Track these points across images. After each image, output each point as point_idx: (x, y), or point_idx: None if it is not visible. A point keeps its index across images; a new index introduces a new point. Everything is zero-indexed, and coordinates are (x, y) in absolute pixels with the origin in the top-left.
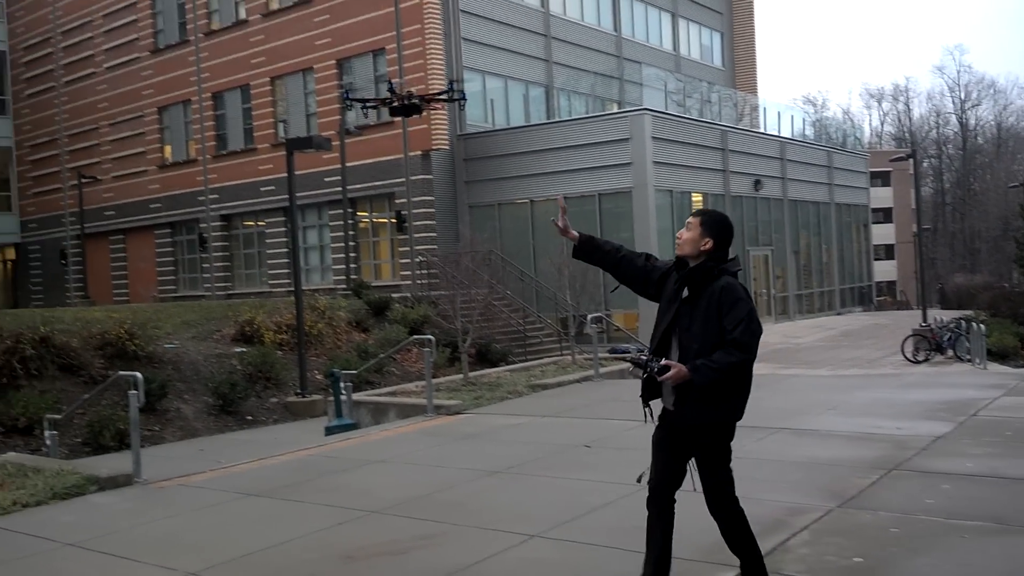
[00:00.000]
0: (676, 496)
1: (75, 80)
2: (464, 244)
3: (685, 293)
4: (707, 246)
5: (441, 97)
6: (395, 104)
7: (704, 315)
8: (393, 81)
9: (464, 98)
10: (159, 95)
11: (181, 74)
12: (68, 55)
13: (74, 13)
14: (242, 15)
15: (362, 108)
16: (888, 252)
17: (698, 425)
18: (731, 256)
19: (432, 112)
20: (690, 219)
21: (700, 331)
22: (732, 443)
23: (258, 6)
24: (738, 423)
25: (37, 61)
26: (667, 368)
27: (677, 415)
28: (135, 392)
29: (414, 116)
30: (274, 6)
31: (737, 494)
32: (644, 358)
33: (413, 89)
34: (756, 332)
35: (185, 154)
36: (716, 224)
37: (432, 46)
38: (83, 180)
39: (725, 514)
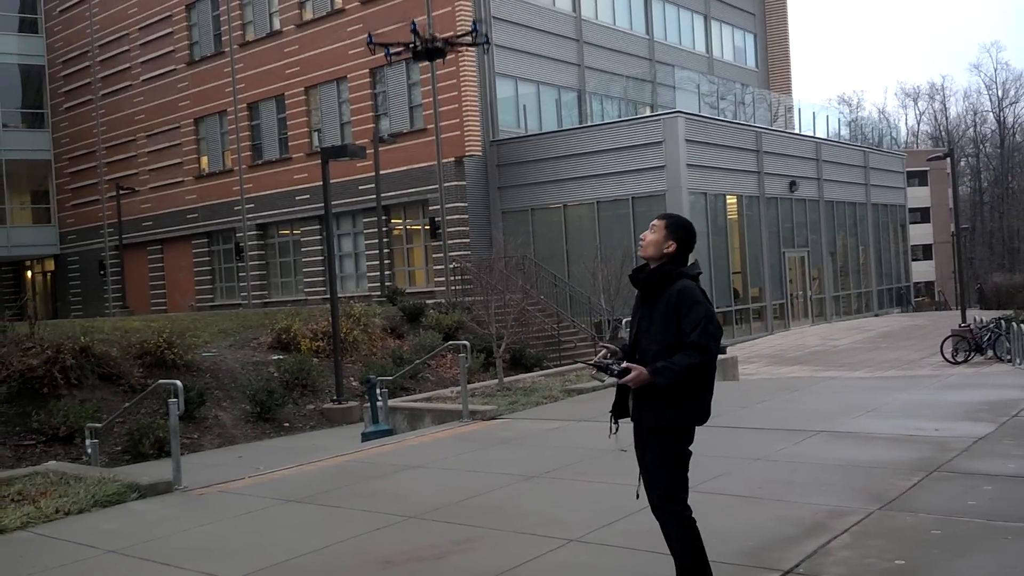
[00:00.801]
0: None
1: (112, 93)
2: (498, 250)
3: (639, 296)
4: (670, 249)
5: (464, 40)
6: (418, 48)
7: (662, 318)
8: (416, 21)
9: (488, 41)
10: (195, 106)
11: (216, 85)
12: (105, 68)
13: (111, 27)
14: (276, 26)
15: (386, 54)
16: (926, 252)
17: (655, 427)
18: (692, 261)
19: (464, 119)
20: (655, 221)
21: (658, 334)
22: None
23: (292, 17)
24: (757, 426)
25: (75, 75)
26: (628, 371)
27: (636, 418)
28: (175, 400)
29: (438, 60)
30: (308, 16)
31: (777, 497)
32: (606, 362)
33: (436, 32)
34: (715, 334)
35: (221, 164)
36: (680, 228)
37: (464, 54)
38: (121, 191)
39: (672, 519)
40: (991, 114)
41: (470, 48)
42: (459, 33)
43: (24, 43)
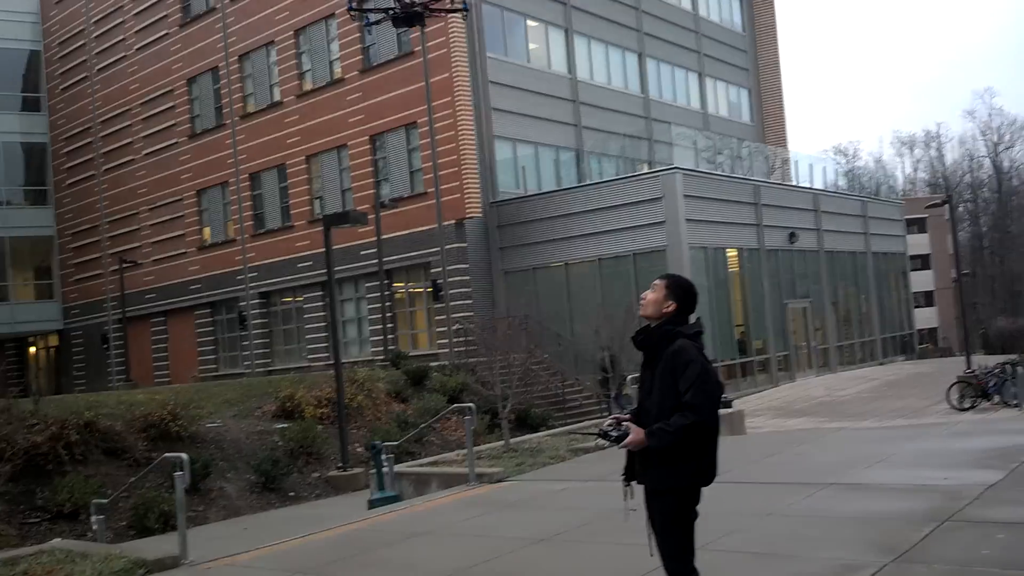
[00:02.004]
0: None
1: (115, 167)
2: (500, 310)
3: (642, 357)
4: (669, 308)
5: (444, 7)
6: (398, 13)
7: (661, 379)
8: None
9: (466, 7)
10: (197, 178)
11: (218, 157)
12: (107, 144)
13: (113, 103)
14: (276, 97)
15: (365, 24)
16: (928, 299)
17: (657, 489)
18: (693, 320)
19: (464, 181)
20: (656, 281)
21: (658, 395)
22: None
23: (292, 88)
24: (767, 480)
25: (77, 151)
26: (627, 433)
27: (641, 480)
28: (181, 473)
29: (416, 26)
30: (307, 87)
31: (790, 553)
32: (606, 428)
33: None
34: (710, 393)
35: (224, 235)
36: (680, 288)
37: (463, 118)
38: (124, 265)
39: None
40: (987, 159)
41: (450, 14)
42: None
43: (27, 121)
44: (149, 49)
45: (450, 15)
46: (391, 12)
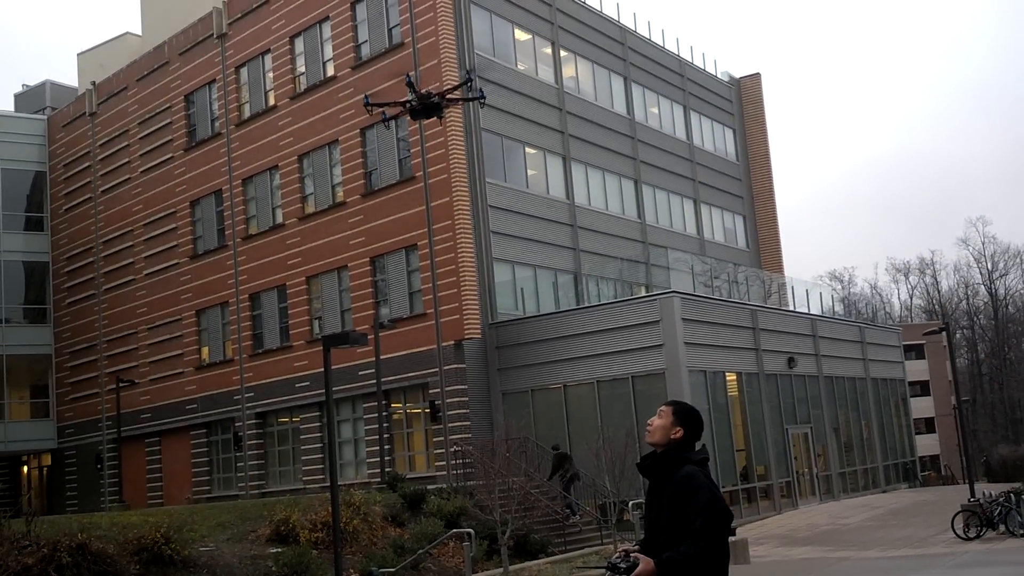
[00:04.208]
0: None
1: (115, 287)
2: (499, 432)
3: (647, 485)
4: (677, 435)
5: (460, 96)
6: (416, 106)
7: (669, 506)
8: (410, 74)
9: (483, 96)
10: (197, 298)
11: (219, 277)
12: (109, 263)
13: (115, 223)
14: (279, 219)
15: (383, 119)
16: (929, 426)
17: None
18: (699, 447)
19: (463, 303)
20: (662, 408)
21: (667, 522)
22: None
23: (294, 211)
24: None
25: (78, 271)
26: (636, 564)
27: None
28: None
29: (432, 117)
30: (310, 210)
31: None
32: (615, 561)
33: (431, 89)
34: (720, 521)
35: (222, 354)
36: (687, 414)
37: (462, 241)
38: (121, 384)
39: None
40: (983, 287)
41: (467, 102)
42: (453, 87)
43: (30, 240)
44: (153, 172)
45: (466, 103)
46: (408, 105)
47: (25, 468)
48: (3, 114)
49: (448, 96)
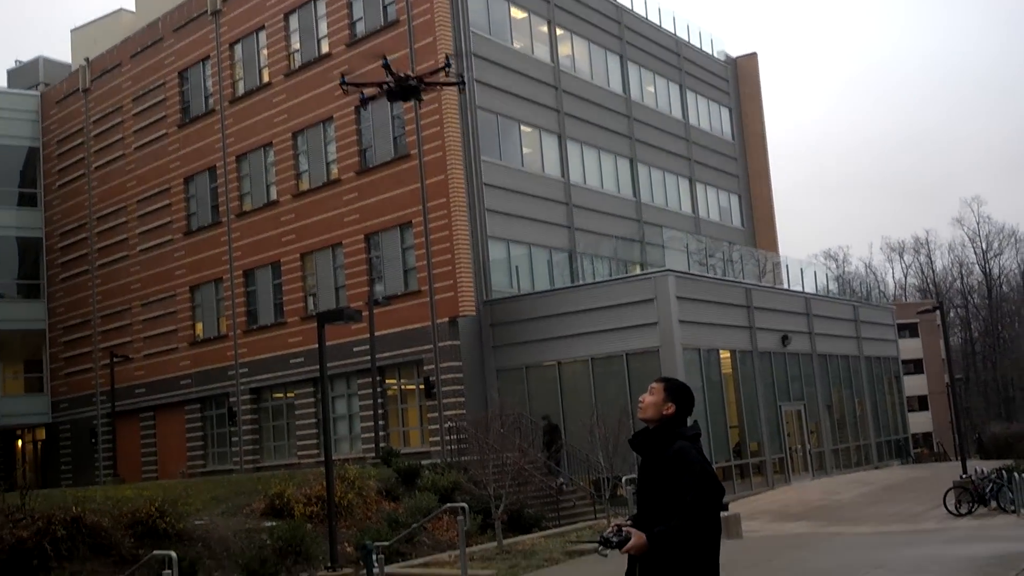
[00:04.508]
0: None
1: (109, 263)
2: (493, 408)
3: (639, 460)
4: (669, 411)
5: (439, 80)
6: (394, 88)
7: (661, 481)
8: (388, 58)
9: (463, 81)
10: (191, 275)
11: (213, 254)
12: (102, 240)
13: (109, 199)
14: (273, 196)
15: (360, 98)
16: (922, 403)
17: None
18: (691, 422)
19: (458, 280)
20: (653, 384)
21: (659, 497)
22: None
23: (288, 187)
24: None
25: (72, 246)
26: (628, 538)
27: None
28: (169, 572)
29: (410, 100)
30: (304, 187)
31: None
32: (607, 535)
33: (410, 72)
34: (710, 494)
35: (216, 330)
36: (679, 390)
37: (457, 219)
38: (115, 359)
39: None
40: (977, 266)
41: (446, 86)
42: (432, 71)
43: (23, 216)
44: (147, 148)
45: (444, 87)
46: (385, 87)
47: (19, 442)
48: None
49: (426, 80)
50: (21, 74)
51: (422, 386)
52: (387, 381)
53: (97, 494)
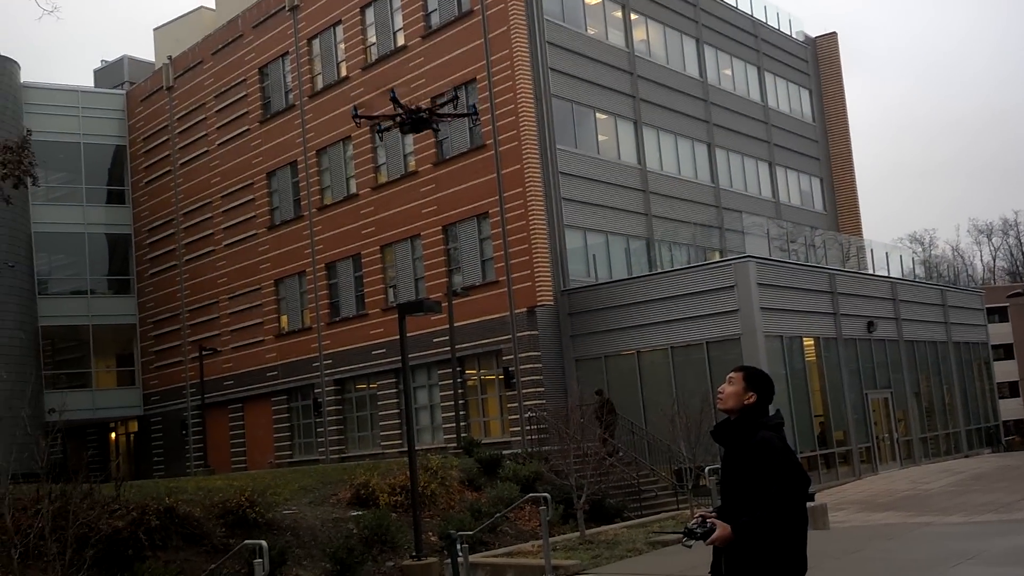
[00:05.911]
0: None
1: (196, 258)
2: (572, 398)
3: (722, 451)
4: (750, 400)
5: (448, 112)
6: (405, 120)
7: (745, 471)
8: (395, 90)
9: (476, 112)
10: (275, 268)
11: (296, 247)
12: (189, 235)
13: (194, 195)
14: (353, 190)
15: (376, 130)
16: (1012, 390)
17: None
18: (772, 412)
19: (536, 270)
20: (732, 374)
21: (743, 488)
22: None
23: (367, 180)
24: None
25: (160, 242)
26: (713, 529)
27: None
28: (260, 561)
29: (423, 131)
30: (382, 180)
31: None
32: (691, 526)
33: (421, 104)
34: (795, 485)
35: (300, 323)
36: (759, 378)
37: (534, 208)
38: (203, 352)
39: None
40: None
41: (457, 118)
42: (442, 102)
43: (112, 213)
44: (230, 144)
45: (453, 119)
46: (397, 119)
47: (113, 435)
48: (84, 90)
49: (437, 111)
50: (107, 74)
51: (501, 376)
52: (467, 371)
53: (188, 484)
